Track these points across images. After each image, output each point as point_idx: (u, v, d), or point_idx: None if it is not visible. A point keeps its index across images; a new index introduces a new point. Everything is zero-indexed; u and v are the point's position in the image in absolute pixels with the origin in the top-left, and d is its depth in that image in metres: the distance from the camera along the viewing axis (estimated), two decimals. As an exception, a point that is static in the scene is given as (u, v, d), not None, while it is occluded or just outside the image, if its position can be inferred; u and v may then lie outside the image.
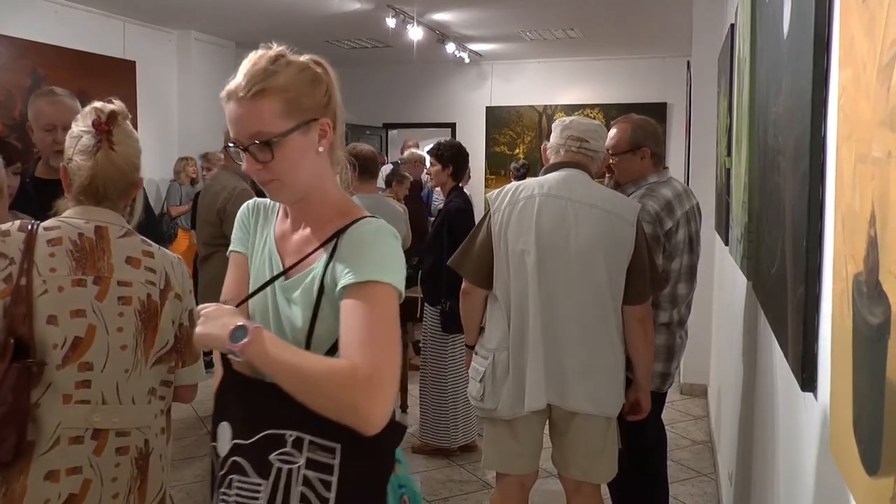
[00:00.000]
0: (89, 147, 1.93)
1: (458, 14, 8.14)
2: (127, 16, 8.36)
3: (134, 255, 1.96)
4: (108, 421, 1.88)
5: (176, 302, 2.02)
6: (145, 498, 1.95)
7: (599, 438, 2.81)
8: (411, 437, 5.06)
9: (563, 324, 2.73)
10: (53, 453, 1.82)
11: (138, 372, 1.93)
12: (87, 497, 1.84)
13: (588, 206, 2.76)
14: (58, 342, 1.84)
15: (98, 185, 1.94)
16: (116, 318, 1.90)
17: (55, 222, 1.93)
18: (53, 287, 1.84)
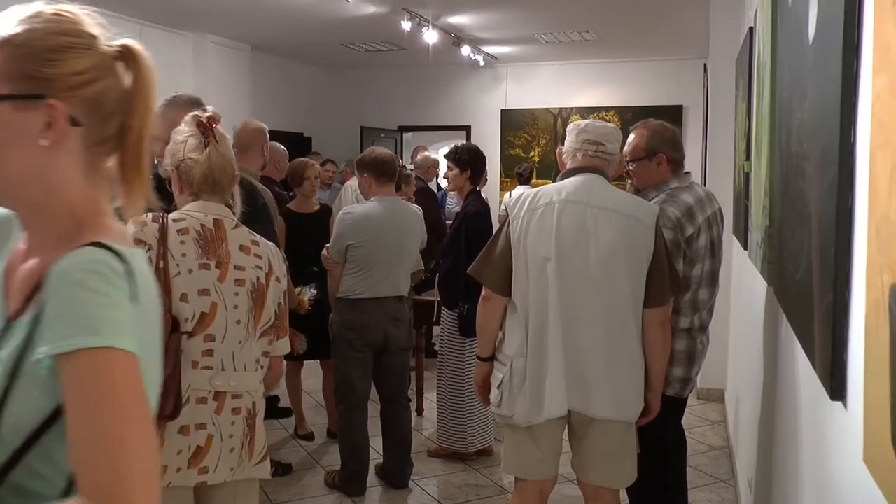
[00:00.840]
0: (198, 145, 2.25)
1: (474, 17, 8.14)
2: (144, 19, 8.38)
3: (245, 243, 2.29)
4: (227, 385, 2.20)
5: (276, 284, 2.33)
6: (253, 452, 2.26)
7: (619, 443, 2.79)
8: (427, 441, 5.06)
9: (583, 329, 2.71)
10: (185, 410, 2.14)
11: (249, 343, 2.25)
12: (210, 450, 2.17)
13: (607, 210, 2.74)
14: (188, 316, 2.16)
15: (216, 173, 2.26)
16: (233, 297, 2.22)
17: (180, 214, 2.24)
18: (185, 269, 2.17)
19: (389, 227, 4.11)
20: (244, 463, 2.24)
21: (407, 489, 4.32)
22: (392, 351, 4.20)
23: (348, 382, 4.15)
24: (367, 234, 4.06)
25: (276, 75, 10.84)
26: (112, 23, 2.74)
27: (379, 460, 4.47)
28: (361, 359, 4.15)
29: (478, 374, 3.00)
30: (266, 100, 10.24)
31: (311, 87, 11.74)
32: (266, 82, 10.41)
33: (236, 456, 2.22)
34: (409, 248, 4.24)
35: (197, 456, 2.16)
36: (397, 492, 4.30)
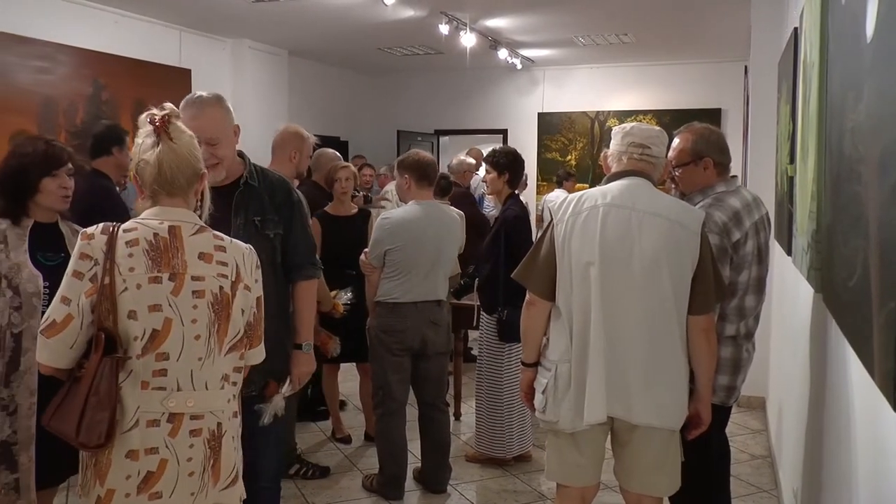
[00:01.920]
0: (151, 144, 2.09)
1: (511, 20, 8.12)
2: (183, 25, 8.49)
3: (206, 250, 2.10)
4: (183, 405, 2.03)
5: (245, 293, 2.16)
6: (219, 476, 2.11)
7: (662, 451, 2.75)
8: (465, 446, 5.03)
9: (626, 335, 2.67)
10: (133, 434, 1.99)
11: (211, 360, 2.08)
12: (165, 474, 2.01)
13: (652, 215, 2.70)
14: (138, 335, 2.00)
15: (166, 172, 2.08)
16: (191, 310, 2.05)
17: (133, 224, 2.08)
18: (132, 285, 2.00)
19: (428, 231, 4.10)
20: (207, 487, 2.08)
21: (445, 494, 4.30)
22: (430, 355, 4.19)
23: (386, 387, 4.14)
24: (406, 239, 4.05)
25: (313, 80, 10.90)
26: (152, 30, 2.81)
27: (417, 464, 4.45)
28: (399, 363, 4.14)
29: (523, 379, 2.97)
30: (303, 104, 10.30)
31: (347, 91, 11.78)
32: (303, 87, 10.47)
33: (197, 480, 2.06)
34: (448, 252, 4.22)
35: (148, 481, 2.00)
36: (436, 496, 4.28)
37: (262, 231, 2.85)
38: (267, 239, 2.85)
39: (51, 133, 6.99)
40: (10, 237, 2.64)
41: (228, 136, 2.83)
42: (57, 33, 7.14)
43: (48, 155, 2.72)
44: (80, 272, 2.00)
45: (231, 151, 2.85)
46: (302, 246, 3.00)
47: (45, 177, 2.70)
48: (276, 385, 2.88)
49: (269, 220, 2.88)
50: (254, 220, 2.85)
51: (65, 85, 7.26)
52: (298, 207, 3.01)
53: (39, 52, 6.98)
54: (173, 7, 7.61)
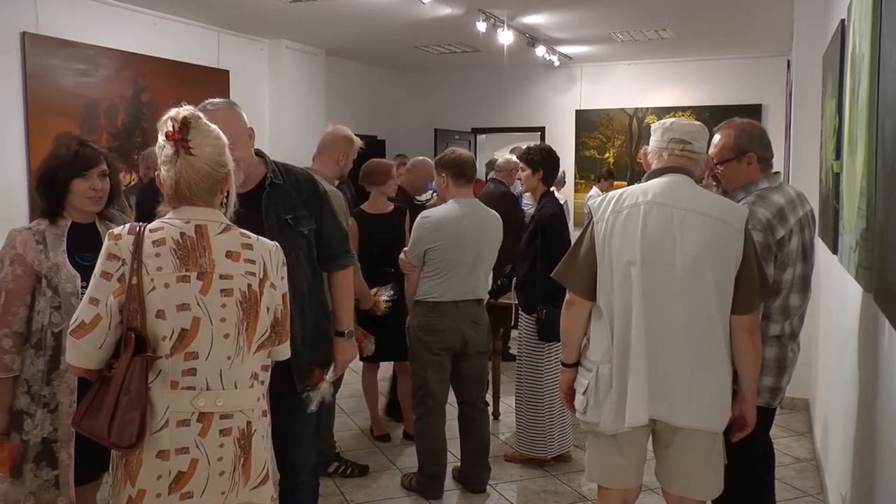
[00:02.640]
0: (170, 156, 2.07)
1: (549, 16, 8.07)
2: (221, 26, 8.56)
3: (234, 248, 2.10)
4: (212, 405, 2.03)
5: (271, 290, 2.16)
6: (249, 475, 2.10)
7: (705, 453, 2.70)
8: (504, 446, 5.01)
9: (668, 336, 2.62)
10: (163, 434, 1.99)
11: (240, 358, 2.08)
12: (195, 474, 2.01)
13: (694, 212, 2.65)
14: (166, 334, 2.00)
15: (184, 189, 2.08)
16: (219, 309, 2.04)
17: (159, 224, 2.08)
18: (160, 284, 2.00)
19: (468, 229, 4.07)
20: (237, 487, 2.08)
21: (485, 494, 4.27)
22: (470, 354, 4.16)
23: (426, 386, 4.13)
24: (446, 238, 4.02)
25: (351, 79, 10.94)
26: (191, 31, 2.85)
27: (456, 464, 4.43)
28: (439, 362, 4.12)
29: (563, 380, 2.93)
30: (340, 103, 10.34)
31: (384, 89, 11.81)
32: (340, 86, 10.51)
33: (227, 479, 2.06)
34: (488, 250, 4.19)
35: (179, 481, 2.00)
36: (475, 496, 4.25)
37: (296, 229, 2.88)
38: (302, 236, 2.90)
39: (92, 134, 7.08)
40: (49, 237, 2.68)
41: (243, 138, 2.82)
42: (99, 36, 7.24)
43: (79, 156, 2.74)
44: (107, 272, 2.01)
45: (247, 154, 2.85)
46: (335, 237, 3.04)
47: (75, 178, 2.71)
48: (320, 372, 2.96)
49: (300, 216, 2.90)
50: (286, 220, 2.86)
51: (106, 87, 7.36)
52: (326, 199, 3.04)
53: (82, 55, 7.08)
54: (212, 9, 7.68)
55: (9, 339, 2.59)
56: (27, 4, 6.63)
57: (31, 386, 2.63)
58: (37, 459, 2.63)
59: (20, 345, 2.62)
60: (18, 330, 2.62)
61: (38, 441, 2.63)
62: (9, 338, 2.59)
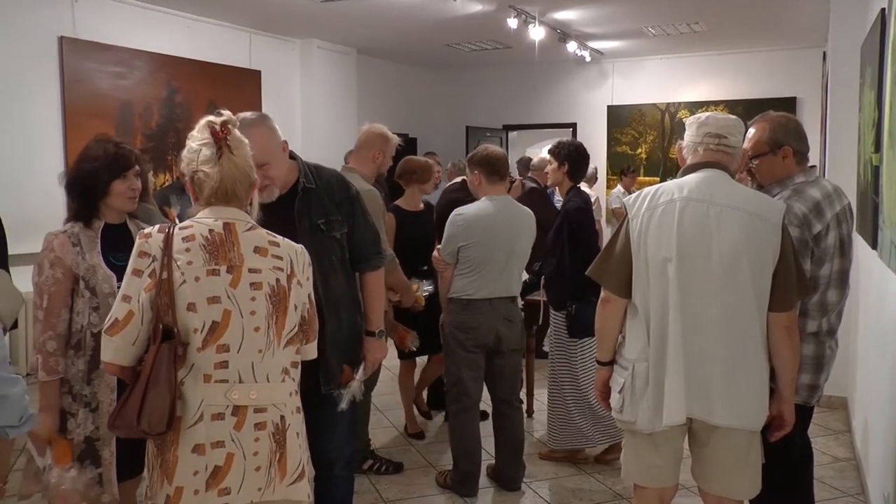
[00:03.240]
0: (211, 156, 2.13)
1: (581, 12, 8.04)
2: (253, 27, 8.63)
3: (261, 245, 2.15)
4: (246, 398, 2.05)
5: (298, 288, 2.20)
6: (286, 472, 2.11)
7: (742, 452, 2.66)
8: (538, 444, 4.99)
9: (705, 334, 2.59)
10: (198, 428, 2.01)
11: (271, 352, 2.10)
12: (232, 469, 2.02)
13: (731, 208, 2.61)
14: (197, 327, 2.03)
15: (227, 188, 2.14)
16: (249, 302, 2.08)
17: (188, 223, 2.14)
18: (191, 278, 2.04)
19: (501, 226, 4.06)
20: (274, 483, 2.08)
21: (519, 492, 4.26)
22: (504, 352, 4.15)
23: (460, 384, 4.13)
24: (479, 235, 4.02)
25: (382, 77, 10.97)
26: (223, 33, 2.86)
27: (491, 461, 4.43)
28: (473, 360, 4.12)
29: (598, 378, 2.90)
30: (372, 102, 10.38)
31: (416, 87, 11.83)
32: (371, 84, 10.55)
33: (263, 475, 2.06)
34: (522, 247, 4.17)
35: (216, 476, 2.01)
36: (510, 494, 4.24)
37: (328, 234, 2.88)
38: (334, 240, 2.91)
39: (127, 136, 7.20)
40: (83, 239, 2.70)
41: (278, 156, 2.82)
42: (133, 39, 7.35)
43: (118, 157, 2.76)
44: (138, 269, 2.07)
45: (282, 170, 2.85)
46: (367, 238, 3.05)
47: (115, 179, 2.74)
48: (350, 371, 2.97)
49: (333, 221, 2.90)
50: (319, 224, 2.86)
51: (140, 89, 7.46)
52: (358, 200, 3.03)
53: (117, 58, 7.19)
54: (243, 10, 7.75)
55: (53, 342, 2.62)
56: (65, 10, 6.74)
57: (72, 386, 2.67)
58: (81, 458, 2.66)
59: (63, 347, 2.65)
60: (61, 332, 2.65)
61: (80, 440, 2.67)
62: (53, 340, 2.62)
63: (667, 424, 2.62)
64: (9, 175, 5.74)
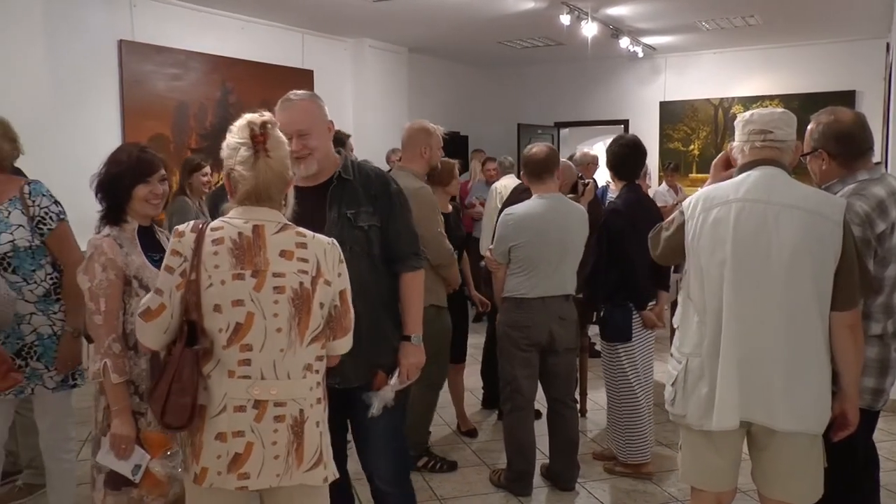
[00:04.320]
0: (248, 157, 2.18)
1: (634, 7, 7.96)
2: (306, 28, 8.72)
3: (287, 248, 2.20)
4: (267, 393, 2.17)
5: (325, 287, 2.23)
6: (302, 459, 2.22)
7: (803, 456, 2.61)
8: (592, 444, 4.97)
9: (764, 336, 2.55)
10: (221, 418, 2.16)
11: (293, 351, 2.19)
12: (251, 456, 2.17)
13: (789, 207, 2.56)
14: (222, 327, 2.15)
15: (261, 190, 2.20)
16: (272, 305, 2.16)
17: (219, 223, 2.21)
18: (217, 281, 2.14)
19: (552, 224, 4.04)
20: (291, 469, 2.20)
21: (574, 492, 4.25)
22: (558, 351, 4.13)
23: (514, 382, 4.12)
24: (530, 234, 4.01)
25: (433, 75, 11.00)
26: (276, 33, 2.89)
27: (545, 461, 4.42)
28: (527, 358, 4.10)
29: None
30: (423, 100, 10.41)
31: (467, 85, 11.84)
32: (423, 83, 10.58)
33: (282, 463, 2.19)
34: (574, 245, 4.14)
35: (236, 462, 2.16)
36: (564, 494, 4.23)
37: (355, 224, 2.84)
38: (361, 230, 2.84)
39: (182, 136, 7.34)
40: (124, 241, 2.75)
41: (320, 129, 2.82)
42: (189, 41, 7.48)
43: (141, 162, 2.80)
44: (171, 267, 2.17)
45: (323, 144, 2.83)
46: (403, 237, 2.95)
47: (138, 184, 2.78)
48: (383, 376, 2.88)
49: (362, 212, 2.86)
50: (347, 214, 2.83)
51: (195, 90, 7.59)
52: (398, 198, 2.96)
53: (173, 60, 7.33)
54: (296, 11, 7.83)
55: (118, 344, 2.64)
56: (124, 14, 6.89)
57: (137, 386, 2.70)
58: None
59: (126, 348, 2.69)
60: (121, 333, 2.68)
61: None
62: (117, 342, 2.64)
63: (717, 428, 2.59)
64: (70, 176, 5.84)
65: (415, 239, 3.01)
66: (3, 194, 3.21)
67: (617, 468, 4.47)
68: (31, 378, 3.22)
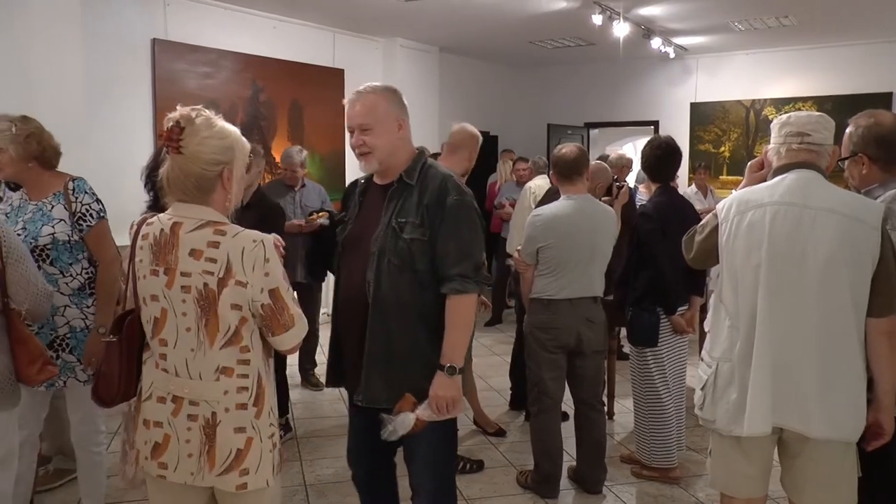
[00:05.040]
0: (164, 157, 2.22)
1: (666, 7, 7.90)
2: (337, 27, 8.75)
3: (198, 247, 2.15)
4: (181, 391, 2.20)
5: (238, 289, 2.14)
6: (214, 463, 2.20)
7: (837, 464, 2.58)
8: (619, 447, 4.94)
9: (798, 341, 2.52)
10: (147, 405, 2.26)
11: (202, 352, 2.17)
12: (168, 449, 2.22)
13: (825, 211, 2.53)
14: (147, 319, 2.24)
15: (172, 186, 2.20)
16: (181, 303, 2.17)
17: (154, 218, 2.26)
18: (141, 275, 2.23)
19: (581, 226, 4.02)
20: (203, 471, 2.19)
21: (601, 495, 4.23)
22: (586, 353, 4.10)
23: (541, 384, 4.11)
24: (558, 235, 3.99)
25: (463, 75, 11.00)
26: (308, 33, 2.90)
27: (572, 463, 4.40)
28: (554, 360, 4.09)
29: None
30: (453, 99, 10.42)
31: (497, 85, 11.83)
32: (453, 82, 10.59)
33: (195, 462, 2.19)
34: (602, 246, 4.11)
35: (156, 450, 2.23)
36: (591, 497, 4.21)
37: (399, 234, 2.66)
38: (403, 241, 2.65)
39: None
40: None
41: (384, 125, 2.67)
42: (221, 40, 7.54)
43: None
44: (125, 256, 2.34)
45: (386, 142, 2.68)
46: (449, 255, 2.66)
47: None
48: (410, 400, 2.66)
49: (409, 223, 2.66)
50: (394, 223, 2.67)
51: (226, 88, 7.65)
52: (452, 211, 2.67)
53: (205, 59, 7.39)
54: (328, 10, 7.86)
55: None
56: (157, 13, 6.96)
57: None
58: None
59: None
60: None
61: None
62: None
63: (749, 434, 2.57)
64: (104, 170, 5.93)
65: (465, 259, 2.67)
66: (49, 189, 3.30)
67: (644, 472, 4.43)
68: (64, 371, 3.27)
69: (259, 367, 2.23)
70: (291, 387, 6.19)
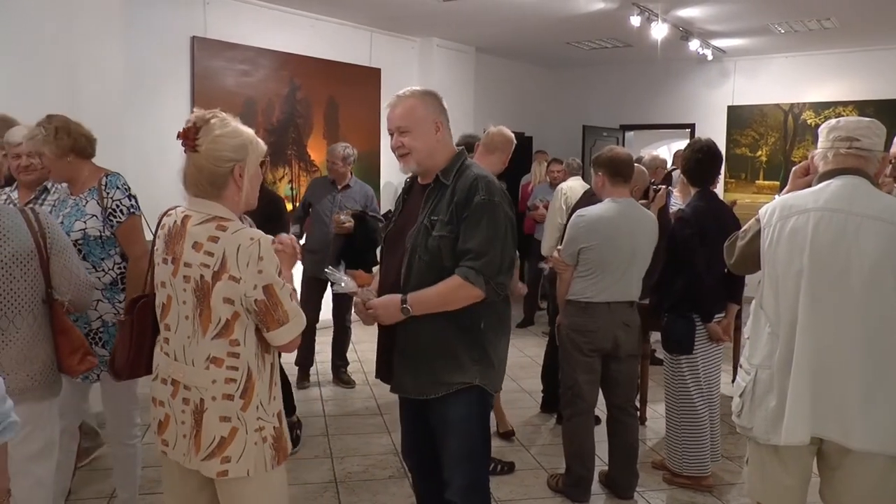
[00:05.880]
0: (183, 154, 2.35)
1: (706, 8, 7.83)
2: (374, 26, 8.77)
3: (199, 240, 2.26)
4: (178, 374, 2.33)
5: (231, 284, 2.22)
6: (199, 447, 2.30)
7: (879, 478, 2.51)
8: (651, 453, 4.90)
9: (841, 350, 2.47)
10: (155, 384, 2.42)
11: (196, 340, 2.28)
12: (168, 428, 2.38)
13: (872, 218, 2.48)
14: (158, 304, 2.41)
15: (187, 183, 2.33)
16: (182, 292, 2.29)
17: (173, 210, 2.41)
18: (156, 262, 2.42)
19: (623, 229, 3.97)
20: (191, 454, 2.31)
21: (632, 500, 4.19)
22: (621, 357, 4.07)
23: (576, 387, 4.08)
24: (601, 237, 3.95)
25: (499, 75, 10.98)
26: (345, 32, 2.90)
27: (603, 467, 4.37)
28: (589, 364, 4.06)
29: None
30: (488, 99, 10.41)
31: (533, 86, 11.79)
32: (489, 82, 10.57)
33: (186, 443, 2.32)
34: (643, 251, 4.07)
35: (160, 428, 2.40)
36: (622, 502, 4.18)
37: (430, 231, 2.74)
38: (434, 239, 2.72)
39: (251, 131, 7.43)
40: None
41: (421, 128, 2.76)
42: (259, 38, 7.60)
43: None
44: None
45: (424, 144, 2.76)
46: (468, 252, 2.69)
47: None
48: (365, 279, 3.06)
49: (439, 220, 2.73)
50: (427, 221, 2.75)
51: (264, 86, 7.70)
52: (477, 209, 2.69)
53: (243, 57, 7.45)
54: (366, 9, 7.89)
55: None
56: (197, 11, 7.04)
57: None
58: None
59: None
60: None
61: None
62: None
63: (786, 443, 2.52)
64: (143, 165, 6.00)
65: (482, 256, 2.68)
66: (86, 183, 3.32)
67: (677, 478, 4.38)
68: (98, 364, 3.30)
69: (249, 362, 2.30)
70: (323, 384, 6.25)
